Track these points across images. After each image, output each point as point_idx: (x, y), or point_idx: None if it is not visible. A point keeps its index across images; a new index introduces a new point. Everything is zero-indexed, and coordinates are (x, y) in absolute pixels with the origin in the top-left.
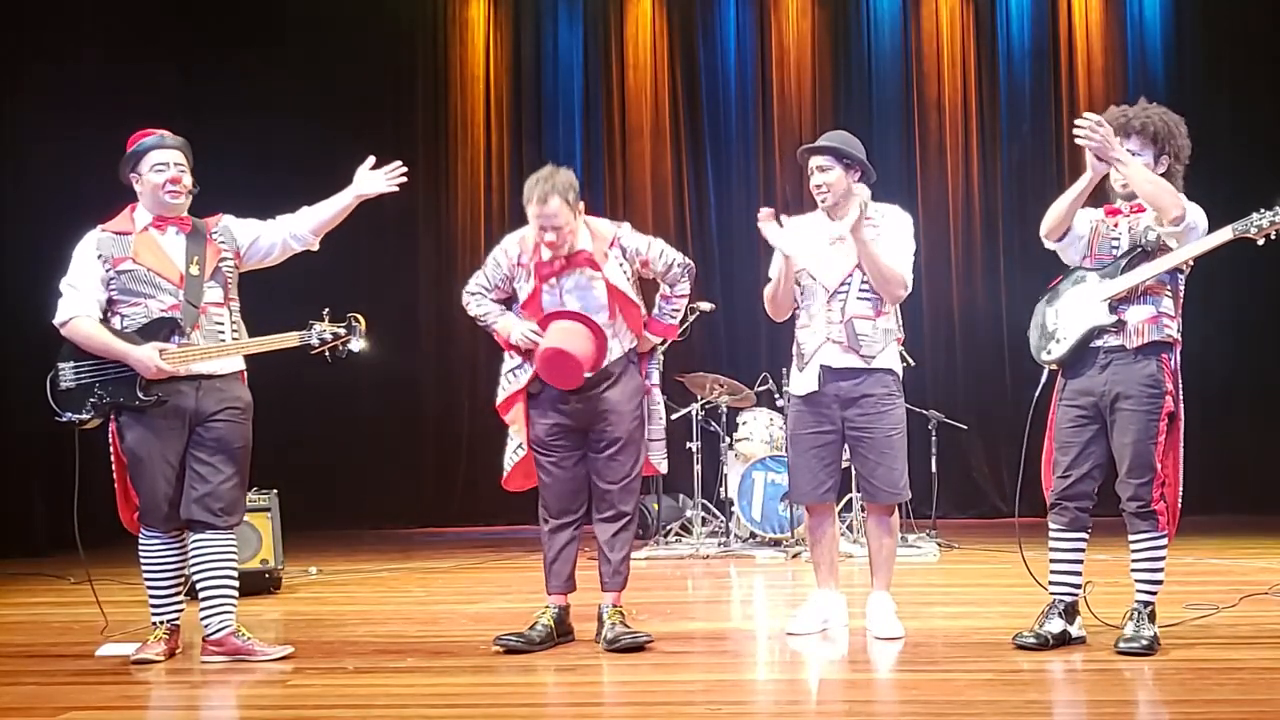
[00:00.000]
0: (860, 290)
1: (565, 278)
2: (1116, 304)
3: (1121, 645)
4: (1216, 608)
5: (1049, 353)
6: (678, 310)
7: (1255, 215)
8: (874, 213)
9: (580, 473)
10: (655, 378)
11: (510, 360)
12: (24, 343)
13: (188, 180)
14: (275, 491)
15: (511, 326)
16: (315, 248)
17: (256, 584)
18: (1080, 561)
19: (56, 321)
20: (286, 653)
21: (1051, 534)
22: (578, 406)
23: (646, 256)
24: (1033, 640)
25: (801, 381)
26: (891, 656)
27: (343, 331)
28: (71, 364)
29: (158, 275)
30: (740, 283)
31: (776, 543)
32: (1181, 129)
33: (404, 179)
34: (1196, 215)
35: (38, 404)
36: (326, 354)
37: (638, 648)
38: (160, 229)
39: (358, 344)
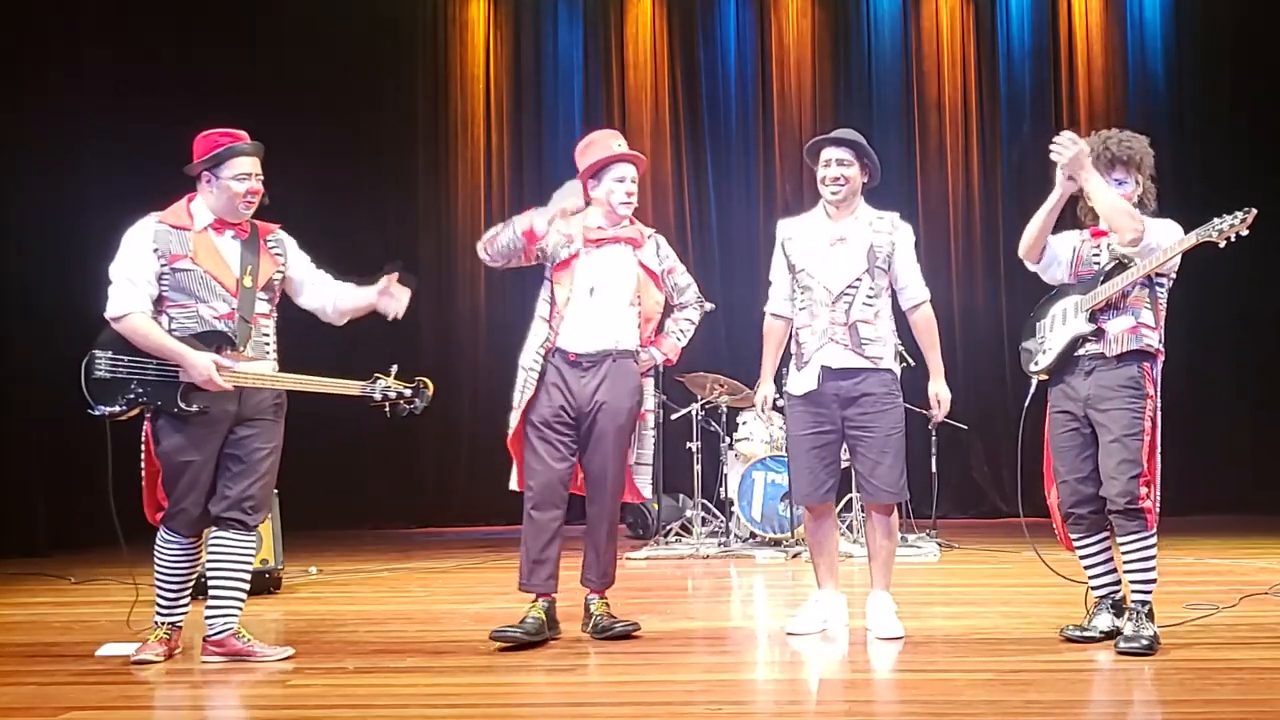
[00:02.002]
0: (867, 297)
1: (605, 248)
2: (1096, 313)
3: (1122, 645)
4: (1216, 608)
5: (1036, 364)
6: (684, 334)
7: (1216, 220)
8: (877, 219)
9: (567, 468)
10: (651, 404)
11: (528, 350)
12: (26, 343)
13: (261, 189)
14: (276, 491)
15: (535, 214)
16: (338, 324)
17: (256, 584)
18: (1111, 559)
19: (110, 314)
20: (286, 654)
21: (1075, 543)
22: (582, 378)
23: (674, 266)
24: (1078, 635)
25: (800, 381)
26: (891, 656)
27: (409, 394)
28: (110, 354)
29: (215, 280)
30: (740, 283)
31: (776, 543)
32: (1150, 152)
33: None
34: (1159, 235)
35: (39, 404)
36: (387, 410)
37: (626, 635)
38: (219, 231)
39: (420, 407)
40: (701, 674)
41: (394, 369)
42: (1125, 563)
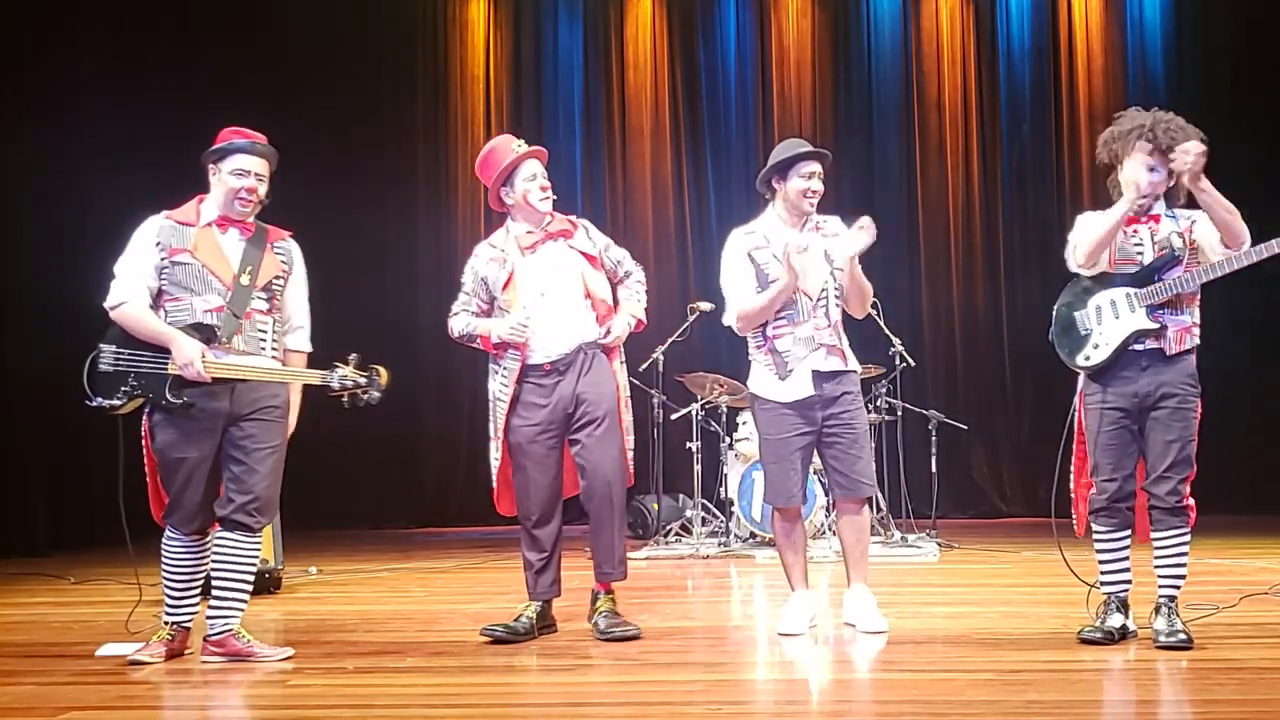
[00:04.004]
0: (835, 296)
1: (542, 247)
2: (1155, 309)
3: (1163, 640)
4: (1216, 608)
5: (1088, 358)
6: (640, 297)
7: None
8: (823, 222)
9: (559, 480)
10: (627, 391)
11: (495, 377)
12: (25, 344)
13: (263, 191)
14: None
15: (493, 325)
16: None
17: (257, 584)
18: (1128, 556)
19: (107, 305)
20: (286, 655)
21: (1102, 535)
22: (560, 380)
23: (607, 243)
24: (1100, 636)
25: (790, 388)
26: (891, 656)
27: (363, 381)
28: (114, 348)
29: (211, 274)
30: None
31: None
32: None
33: None
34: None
35: (39, 404)
36: (344, 399)
37: (628, 638)
38: (222, 228)
39: (375, 396)
40: (701, 674)
41: (353, 358)
42: (1163, 558)
